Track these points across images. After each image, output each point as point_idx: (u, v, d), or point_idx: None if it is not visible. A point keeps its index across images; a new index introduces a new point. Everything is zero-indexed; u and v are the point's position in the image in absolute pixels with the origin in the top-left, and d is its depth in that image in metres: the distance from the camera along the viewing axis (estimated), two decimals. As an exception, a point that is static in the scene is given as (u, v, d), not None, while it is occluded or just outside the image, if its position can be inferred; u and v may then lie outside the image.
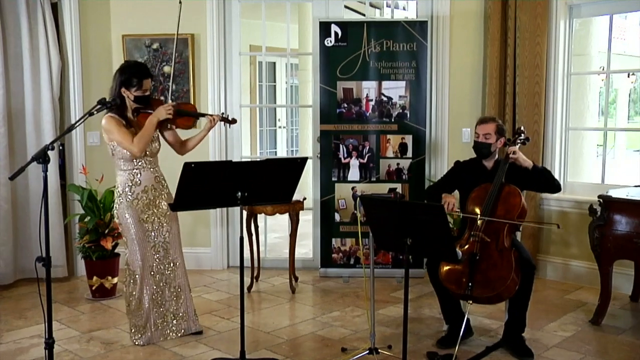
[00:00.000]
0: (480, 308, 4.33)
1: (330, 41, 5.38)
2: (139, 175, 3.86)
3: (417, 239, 3.17)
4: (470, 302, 3.62)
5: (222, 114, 4.09)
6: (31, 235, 5.28)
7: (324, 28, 5.38)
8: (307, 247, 6.15)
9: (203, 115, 4.04)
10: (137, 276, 3.90)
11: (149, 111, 3.82)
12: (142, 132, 3.77)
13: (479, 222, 3.75)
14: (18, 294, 5.07)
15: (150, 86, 3.87)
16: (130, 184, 3.85)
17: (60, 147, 5.58)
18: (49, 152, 3.02)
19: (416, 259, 5.37)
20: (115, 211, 3.94)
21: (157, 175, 3.95)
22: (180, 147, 4.07)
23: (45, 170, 2.99)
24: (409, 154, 5.43)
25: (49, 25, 5.26)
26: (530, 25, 5.22)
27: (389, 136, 5.43)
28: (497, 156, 4.04)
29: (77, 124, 3.43)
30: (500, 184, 3.82)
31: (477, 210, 3.82)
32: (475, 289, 3.60)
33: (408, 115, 5.41)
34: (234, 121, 4.08)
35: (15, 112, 5.24)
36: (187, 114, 3.95)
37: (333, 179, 5.48)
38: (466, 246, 3.76)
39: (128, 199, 3.85)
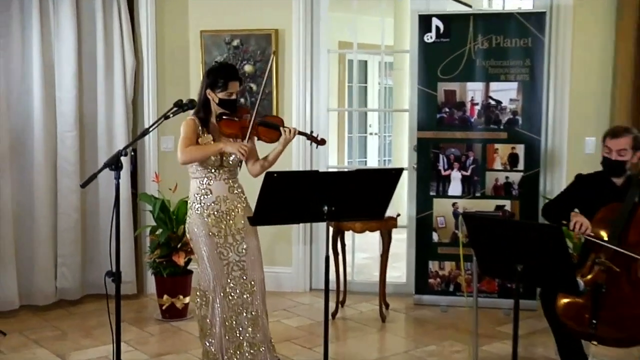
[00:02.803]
0: (606, 350, 4.12)
1: (431, 37, 5.34)
2: (209, 184, 3.94)
3: (530, 265, 3.10)
4: (595, 342, 3.49)
5: (311, 132, 4.08)
6: (100, 248, 5.51)
7: (424, 22, 5.35)
8: (400, 270, 6.10)
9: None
10: (208, 297, 3.97)
11: (234, 118, 3.89)
12: (199, 148, 3.80)
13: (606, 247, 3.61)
14: (85, 311, 5.31)
15: (238, 90, 3.92)
16: (200, 194, 3.93)
17: (132, 153, 5.77)
18: (122, 158, 3.15)
19: (528, 288, 5.21)
20: (186, 225, 4.04)
21: (232, 186, 4.00)
22: (253, 165, 4.03)
23: (118, 178, 3.11)
24: (521, 166, 5.31)
25: (124, 21, 5.51)
26: (672, 17, 5.00)
27: (497, 145, 5.34)
28: (628, 171, 3.87)
29: (152, 128, 3.55)
30: (633, 204, 3.66)
31: (604, 234, 3.67)
32: (601, 328, 3.45)
33: (520, 121, 5.30)
34: (322, 142, 3.99)
35: (87, 114, 5.50)
36: (269, 125, 3.94)
37: (431, 193, 5.43)
38: (589, 276, 3.62)
39: (198, 211, 3.93)
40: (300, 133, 3.97)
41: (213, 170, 3.92)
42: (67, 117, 5.34)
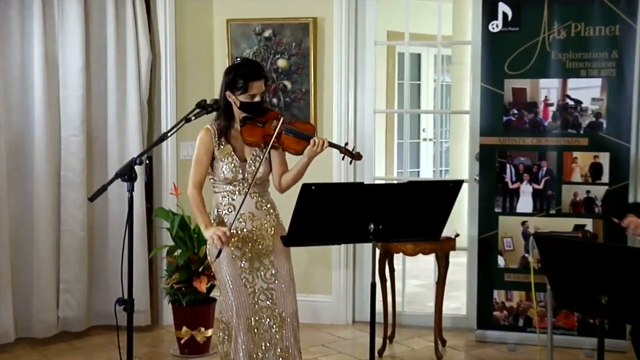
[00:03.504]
0: None
1: (497, 25, 5.33)
2: (233, 198, 3.95)
3: (617, 297, 3.05)
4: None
5: (346, 144, 4.05)
6: (109, 271, 5.55)
7: (489, 8, 5.34)
8: (459, 301, 6.09)
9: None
10: (231, 331, 3.97)
11: (258, 124, 3.91)
12: (195, 205, 3.92)
13: None
14: (92, 344, 5.36)
15: (263, 90, 3.93)
16: (222, 210, 3.96)
17: (147, 162, 5.82)
18: (136, 167, 3.18)
19: (615, 324, 5.13)
20: (207, 245, 4.05)
21: (259, 201, 4.01)
22: (279, 177, 4.06)
23: (131, 190, 3.14)
24: (605, 178, 5.26)
25: (138, 10, 5.58)
26: None
27: (575, 154, 5.30)
28: None
29: (171, 132, 3.59)
30: None
31: None
32: None
33: (604, 125, 5.25)
34: (357, 156, 4.00)
35: (96, 116, 5.58)
36: (297, 134, 3.93)
37: (496, 209, 5.40)
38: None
39: (220, 229, 3.95)
40: (331, 145, 3.95)
41: (236, 184, 3.93)
42: (72, 120, 5.41)
